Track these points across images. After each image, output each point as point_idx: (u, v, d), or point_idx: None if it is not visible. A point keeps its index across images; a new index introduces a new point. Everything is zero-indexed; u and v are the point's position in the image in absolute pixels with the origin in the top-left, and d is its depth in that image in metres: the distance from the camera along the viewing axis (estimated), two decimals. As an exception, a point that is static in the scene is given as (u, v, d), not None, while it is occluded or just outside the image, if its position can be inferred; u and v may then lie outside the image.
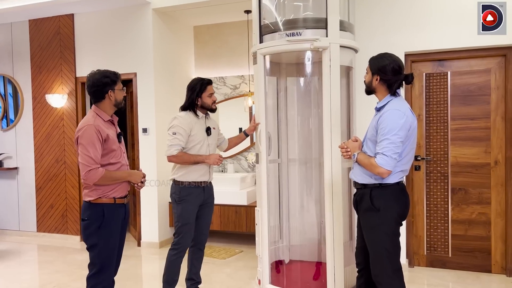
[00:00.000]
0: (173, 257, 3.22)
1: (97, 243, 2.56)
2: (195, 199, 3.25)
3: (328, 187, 3.35)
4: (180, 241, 3.21)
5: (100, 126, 2.55)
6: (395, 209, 2.39)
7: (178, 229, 3.22)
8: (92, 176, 2.49)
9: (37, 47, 5.57)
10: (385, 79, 2.42)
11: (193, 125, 3.24)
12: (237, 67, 5.50)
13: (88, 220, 2.56)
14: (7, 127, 5.77)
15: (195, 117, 3.29)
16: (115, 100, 2.66)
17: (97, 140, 2.51)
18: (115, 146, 2.62)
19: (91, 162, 2.48)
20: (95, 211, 2.56)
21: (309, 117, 3.97)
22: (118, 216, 2.64)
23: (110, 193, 2.59)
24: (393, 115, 2.32)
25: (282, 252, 4.03)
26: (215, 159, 3.27)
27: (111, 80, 2.63)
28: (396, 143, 2.28)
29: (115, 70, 2.74)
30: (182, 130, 3.19)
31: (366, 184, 2.45)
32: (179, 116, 3.26)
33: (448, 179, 3.99)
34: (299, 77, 3.96)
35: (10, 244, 5.42)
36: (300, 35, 3.34)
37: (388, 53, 2.52)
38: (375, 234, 2.41)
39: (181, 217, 3.21)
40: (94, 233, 2.55)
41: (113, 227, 2.60)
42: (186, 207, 3.20)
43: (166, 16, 5.21)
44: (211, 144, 3.37)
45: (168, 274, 3.25)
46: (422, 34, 3.92)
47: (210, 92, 3.35)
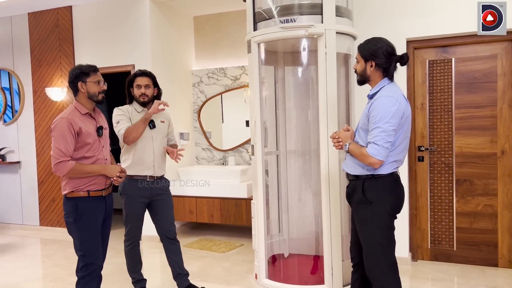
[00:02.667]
0: (127, 248, 3.31)
1: (77, 237, 2.57)
2: (139, 193, 3.21)
3: (324, 179, 3.24)
4: (128, 232, 3.28)
5: (74, 119, 2.54)
6: (388, 202, 2.28)
7: (125, 221, 3.29)
8: (61, 168, 2.49)
9: (36, 40, 5.54)
10: (380, 64, 2.29)
11: (132, 116, 3.23)
12: (238, 58, 5.39)
13: (66, 214, 2.58)
14: (9, 121, 5.77)
15: (134, 111, 3.26)
16: (87, 92, 2.62)
17: (68, 133, 2.49)
18: (91, 139, 2.60)
19: (60, 154, 2.49)
20: (70, 205, 2.56)
21: (307, 108, 3.85)
22: (95, 209, 2.61)
23: (83, 186, 2.57)
24: (384, 102, 2.20)
25: (281, 245, 3.94)
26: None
27: (81, 72, 2.60)
28: (388, 131, 2.16)
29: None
30: (123, 116, 3.20)
31: (359, 175, 2.34)
32: (118, 108, 3.27)
33: (452, 170, 3.85)
34: (296, 66, 3.84)
35: (13, 238, 5.44)
36: (294, 22, 3.23)
37: (376, 37, 2.40)
38: (367, 227, 2.30)
39: (124, 209, 3.27)
40: (72, 226, 2.57)
41: (91, 221, 2.59)
42: (129, 201, 3.22)
43: (164, 6, 5.12)
44: (156, 138, 3.26)
45: (129, 263, 3.34)
46: (425, 20, 3.76)
47: (137, 83, 3.24)
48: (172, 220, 3.37)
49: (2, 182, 5.89)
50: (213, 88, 5.50)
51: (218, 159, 5.53)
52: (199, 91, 5.59)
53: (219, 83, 5.48)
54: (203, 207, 4.95)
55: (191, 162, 5.58)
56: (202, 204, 4.95)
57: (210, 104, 5.56)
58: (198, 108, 5.60)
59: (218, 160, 5.53)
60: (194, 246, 4.72)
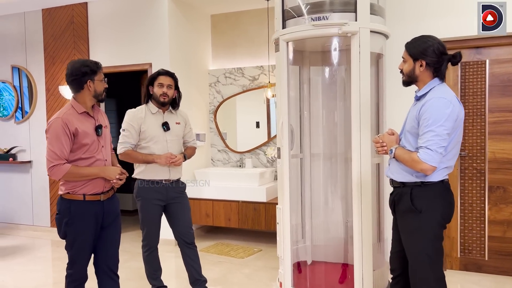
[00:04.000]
0: (145, 253, 3.20)
1: (66, 237, 2.50)
2: (154, 195, 3.10)
3: (356, 185, 3.09)
4: (145, 237, 3.18)
5: (70, 119, 2.41)
6: (439, 211, 2.13)
7: (141, 225, 3.19)
8: (56, 173, 2.37)
9: (50, 37, 5.41)
10: (431, 63, 2.14)
11: (143, 120, 3.07)
12: (256, 58, 5.25)
13: (59, 214, 2.49)
14: (21, 120, 5.65)
15: (149, 112, 3.11)
16: (95, 91, 2.50)
17: (63, 134, 2.37)
18: (88, 140, 2.47)
19: (55, 157, 2.36)
20: (63, 206, 2.47)
21: (335, 110, 3.71)
22: (89, 214, 2.48)
23: (78, 189, 2.45)
24: (437, 103, 2.05)
25: (304, 252, 3.79)
26: (166, 158, 3.05)
27: (90, 69, 2.46)
28: (442, 135, 2.01)
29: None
30: (131, 127, 3.06)
31: (405, 182, 2.19)
32: (130, 111, 3.14)
33: (485, 176, 3.69)
34: (324, 66, 3.70)
35: (23, 239, 5.31)
36: (327, 19, 3.08)
37: (424, 35, 2.26)
38: (415, 238, 2.15)
39: (140, 212, 3.16)
40: (63, 228, 2.47)
41: (83, 225, 2.47)
42: (144, 204, 3.12)
43: (183, 4, 4.99)
44: (171, 140, 3.14)
45: (148, 269, 3.23)
46: (458, 20, 3.61)
47: (159, 82, 3.12)
48: (190, 223, 3.25)
49: (12, 182, 5.76)
50: (230, 89, 5.36)
51: (234, 161, 5.39)
52: (216, 91, 5.46)
53: (237, 83, 5.34)
54: (220, 211, 4.80)
55: (207, 163, 5.44)
56: (219, 208, 4.80)
57: (226, 105, 5.42)
58: (215, 109, 5.46)
59: (235, 162, 5.38)
60: (211, 251, 4.58)
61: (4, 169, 5.78)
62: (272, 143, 5.22)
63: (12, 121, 5.72)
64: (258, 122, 5.31)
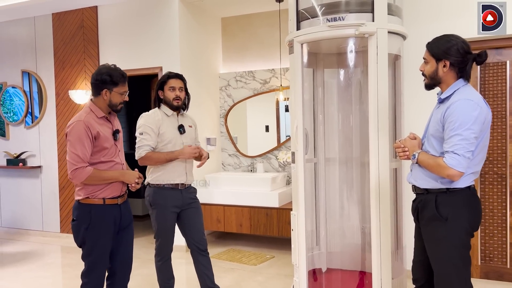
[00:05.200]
0: (158, 263, 3.09)
1: (85, 243, 2.43)
2: (171, 202, 3.00)
3: (374, 191, 2.99)
4: (160, 247, 3.06)
5: (91, 123, 2.39)
6: (466, 218, 2.02)
7: (156, 234, 3.06)
8: (78, 175, 2.33)
9: (60, 42, 5.38)
10: (455, 63, 2.05)
11: (161, 123, 2.99)
12: (268, 61, 5.18)
13: (77, 221, 2.42)
14: (31, 124, 5.62)
15: (164, 115, 3.04)
16: (110, 101, 2.48)
17: (86, 137, 2.34)
18: (108, 144, 2.45)
19: (78, 160, 2.33)
20: (83, 211, 2.41)
21: (350, 113, 3.61)
22: (109, 217, 2.46)
23: (98, 193, 2.42)
24: (464, 106, 1.95)
25: (318, 259, 3.69)
26: (190, 151, 2.99)
27: (111, 80, 2.45)
28: (470, 139, 1.92)
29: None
30: (149, 129, 2.96)
31: (430, 189, 2.09)
32: (145, 114, 3.04)
33: (506, 181, 3.57)
34: (339, 69, 3.61)
35: (33, 245, 5.26)
36: (343, 20, 3.00)
37: (446, 34, 2.16)
38: (441, 247, 2.05)
39: (156, 221, 3.02)
40: (82, 234, 2.41)
41: (103, 229, 2.44)
42: (161, 212, 3.00)
43: (193, 7, 4.93)
44: (186, 143, 3.08)
45: (161, 278, 3.13)
46: (476, 20, 3.50)
47: (171, 85, 3.04)
48: (203, 229, 3.18)
49: (22, 187, 5.73)
50: (241, 92, 5.29)
51: (245, 166, 5.31)
52: (226, 95, 5.39)
53: (248, 86, 5.26)
54: (232, 216, 4.72)
55: (218, 168, 5.36)
56: (231, 213, 4.72)
57: (237, 109, 5.35)
58: (225, 113, 5.39)
59: (246, 166, 5.30)
60: (222, 258, 4.49)
61: (14, 174, 5.75)
62: (283, 147, 5.13)
63: (22, 126, 5.70)
64: (268, 125, 5.24)
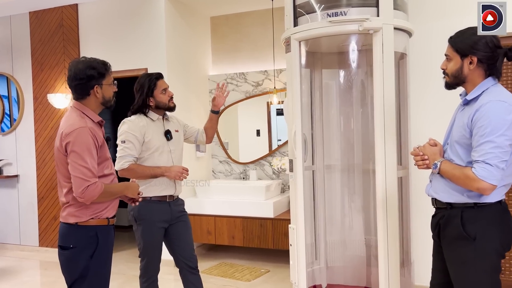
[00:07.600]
0: (144, 284, 2.76)
1: (87, 275, 2.01)
2: (159, 217, 2.70)
3: (381, 201, 2.73)
4: (146, 266, 2.73)
5: (95, 129, 2.04)
6: (497, 238, 1.75)
7: (141, 253, 2.73)
8: (91, 193, 1.94)
9: (38, 42, 5.04)
10: (483, 59, 1.79)
11: (146, 129, 2.68)
12: (260, 62, 4.91)
13: (77, 248, 2.01)
14: (7, 131, 5.26)
15: (149, 120, 2.73)
16: (103, 97, 2.13)
17: (94, 147, 1.98)
18: (108, 153, 2.11)
19: (89, 175, 1.94)
20: (85, 236, 2.01)
21: (351, 117, 3.35)
22: (111, 240, 2.13)
23: (103, 212, 2.06)
24: (496, 108, 1.68)
25: (319, 275, 3.41)
26: (177, 172, 2.68)
27: (98, 72, 2.07)
28: (504, 147, 1.65)
29: (104, 60, 2.15)
30: (132, 137, 2.63)
31: (454, 203, 1.82)
32: (128, 120, 2.70)
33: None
34: (340, 69, 3.35)
35: (9, 260, 4.89)
36: (345, 15, 2.74)
37: (471, 27, 1.92)
38: (468, 270, 1.78)
39: (142, 238, 2.70)
40: (84, 263, 2.01)
41: (107, 255, 2.09)
42: (148, 228, 2.68)
43: (180, 5, 4.64)
44: (174, 150, 2.79)
45: None
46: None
47: (163, 88, 2.76)
48: (193, 245, 2.89)
49: (-2, 197, 5.36)
50: (232, 95, 4.99)
51: (237, 173, 5.02)
52: (216, 98, 5.09)
53: (239, 89, 4.98)
54: (223, 228, 4.42)
55: (208, 176, 5.06)
56: (222, 224, 4.42)
57: (227, 113, 5.06)
58: (215, 117, 5.09)
59: (238, 174, 5.01)
60: (213, 273, 4.18)
61: (-10, 184, 5.39)
62: (277, 153, 4.85)
63: (-3, 133, 5.35)
64: (259, 130, 4.97)
